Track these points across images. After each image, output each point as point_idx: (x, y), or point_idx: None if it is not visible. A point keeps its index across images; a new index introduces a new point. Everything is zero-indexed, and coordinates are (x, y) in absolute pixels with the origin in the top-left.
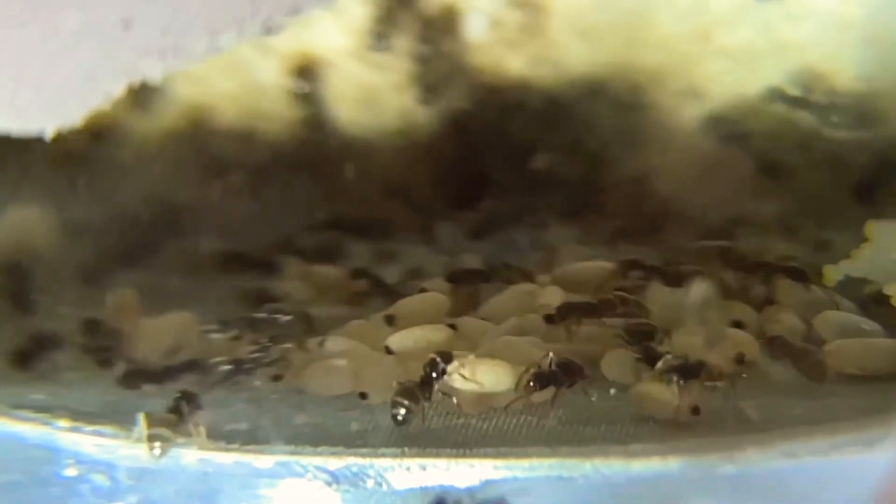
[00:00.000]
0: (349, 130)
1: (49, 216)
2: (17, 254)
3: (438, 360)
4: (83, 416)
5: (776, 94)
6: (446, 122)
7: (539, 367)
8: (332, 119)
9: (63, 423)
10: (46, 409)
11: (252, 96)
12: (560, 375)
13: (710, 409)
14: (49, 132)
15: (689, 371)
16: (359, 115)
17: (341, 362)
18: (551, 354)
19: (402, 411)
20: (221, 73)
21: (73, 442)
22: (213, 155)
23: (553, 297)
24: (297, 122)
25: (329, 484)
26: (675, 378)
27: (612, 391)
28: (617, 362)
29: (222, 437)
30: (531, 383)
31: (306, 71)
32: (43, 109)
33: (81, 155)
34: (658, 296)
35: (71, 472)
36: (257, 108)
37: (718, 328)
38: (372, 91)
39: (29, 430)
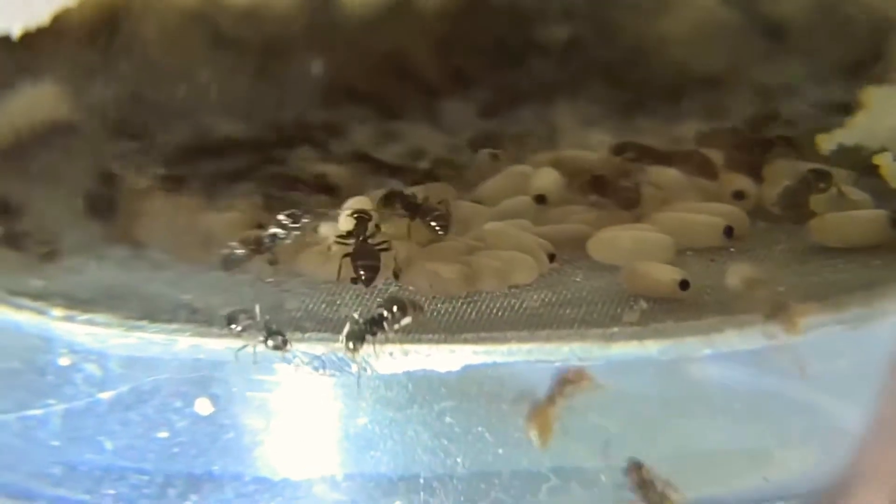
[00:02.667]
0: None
1: (65, 94)
2: (32, 128)
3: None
4: (78, 303)
5: None
6: None
7: None
8: None
9: (57, 311)
10: (43, 297)
11: None
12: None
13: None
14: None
15: None
16: None
17: (335, 247)
18: None
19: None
20: None
21: (67, 331)
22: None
23: (546, 178)
24: None
25: (316, 369)
26: None
27: None
28: (603, 243)
29: (215, 322)
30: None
31: None
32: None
33: (97, 34)
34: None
35: (65, 361)
36: None
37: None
38: None
39: (26, 318)
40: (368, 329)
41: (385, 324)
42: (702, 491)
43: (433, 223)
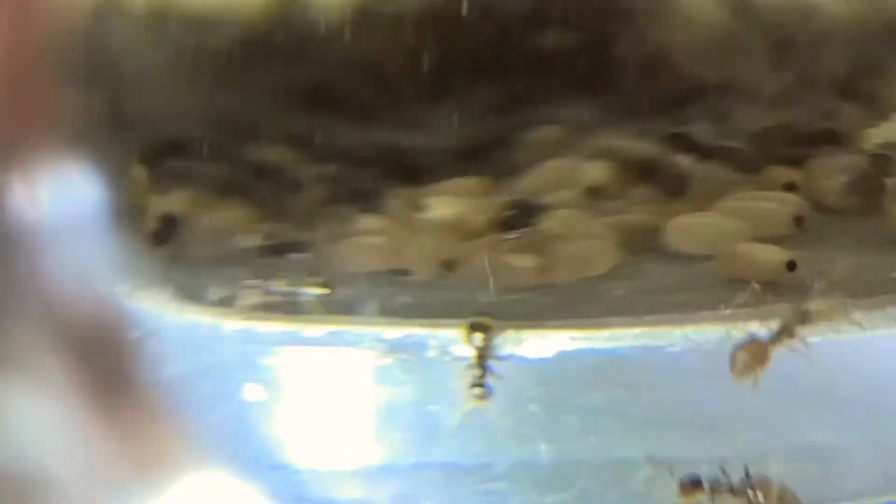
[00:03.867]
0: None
1: None
2: None
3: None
4: None
5: None
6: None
7: None
8: None
9: None
10: None
11: None
12: None
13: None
14: None
15: None
16: None
17: (375, 238)
18: None
19: None
20: None
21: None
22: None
23: (598, 170)
24: None
25: (387, 353)
26: None
27: None
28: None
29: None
30: None
31: None
32: None
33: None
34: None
35: None
36: None
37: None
38: None
39: None
40: None
41: None
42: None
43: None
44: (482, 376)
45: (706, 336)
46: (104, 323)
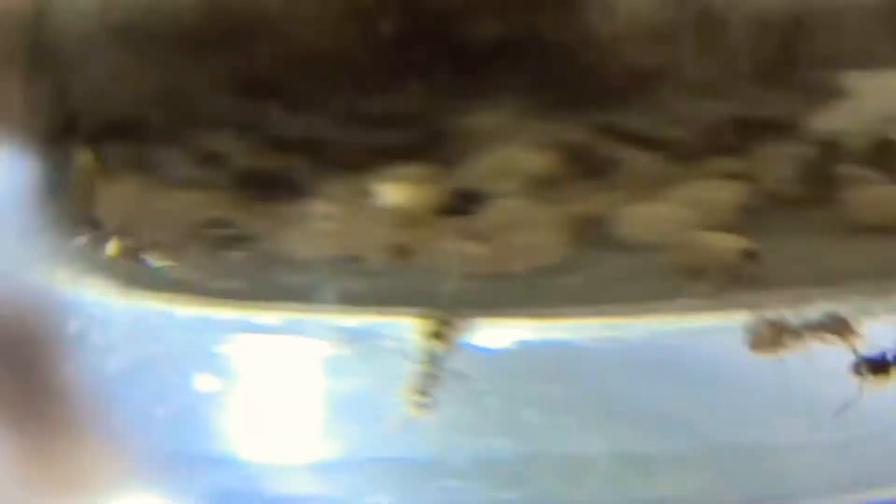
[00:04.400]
0: None
1: None
2: None
3: None
4: None
5: None
6: None
7: None
8: None
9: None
10: None
11: None
12: None
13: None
14: None
15: None
16: None
17: (326, 224)
18: None
19: None
20: None
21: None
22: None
23: (537, 160)
24: None
25: (343, 343)
26: None
27: None
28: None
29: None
30: None
31: None
32: None
33: None
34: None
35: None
36: None
37: None
38: None
39: None
40: None
41: None
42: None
43: None
44: (431, 382)
45: (665, 327)
46: (32, 317)
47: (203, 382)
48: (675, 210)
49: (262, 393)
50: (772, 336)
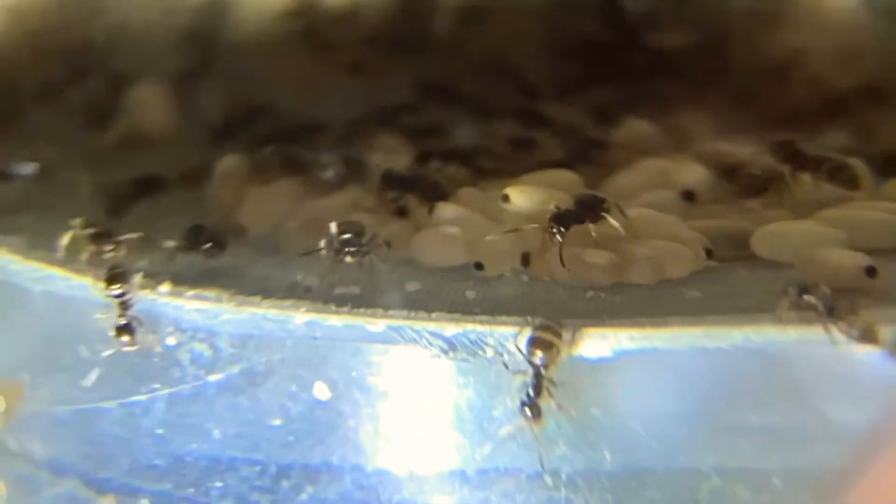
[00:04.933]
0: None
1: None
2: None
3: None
4: (185, 282)
5: None
6: None
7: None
8: None
9: (164, 287)
10: (148, 275)
11: None
12: (578, 213)
13: None
14: None
15: None
16: None
17: (453, 230)
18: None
19: None
20: None
21: (175, 308)
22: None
23: (694, 174)
24: None
25: (444, 352)
26: None
27: None
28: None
29: (331, 300)
30: (552, 227)
31: None
32: None
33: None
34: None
35: (171, 340)
36: None
37: None
38: None
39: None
40: None
41: None
42: None
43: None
44: (539, 394)
45: (766, 338)
46: None
47: (318, 391)
48: (817, 228)
49: (372, 401)
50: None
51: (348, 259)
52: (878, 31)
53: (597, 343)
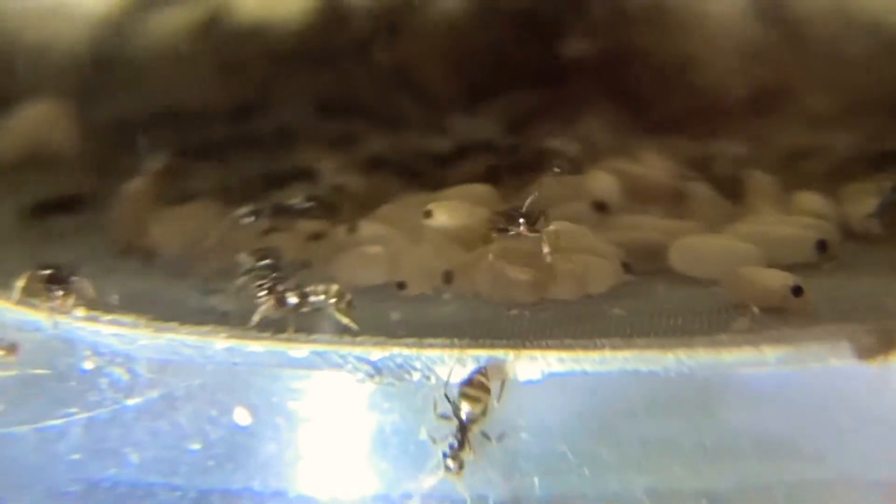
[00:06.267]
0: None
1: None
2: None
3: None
4: (101, 307)
5: None
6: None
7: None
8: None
9: (81, 311)
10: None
11: None
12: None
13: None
14: None
15: None
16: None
17: (376, 249)
18: None
19: None
20: None
21: (92, 333)
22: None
23: (604, 184)
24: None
25: (371, 376)
26: None
27: None
28: (686, 252)
29: (251, 325)
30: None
31: None
32: None
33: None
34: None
35: (89, 364)
36: None
37: None
38: None
39: (46, 318)
40: None
41: None
42: None
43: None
44: (461, 446)
45: (700, 362)
46: None
47: (238, 416)
48: (735, 244)
49: (294, 426)
50: (879, 343)
51: (261, 285)
52: (767, 38)
53: (526, 365)
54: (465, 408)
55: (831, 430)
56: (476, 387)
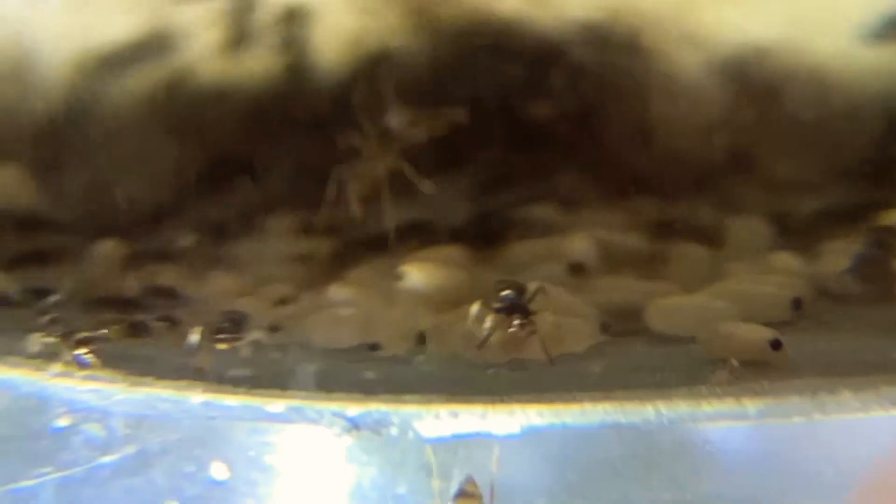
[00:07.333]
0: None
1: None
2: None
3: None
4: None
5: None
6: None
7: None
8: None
9: (55, 367)
10: (38, 356)
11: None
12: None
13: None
14: None
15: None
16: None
17: (347, 311)
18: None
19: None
20: None
21: (66, 389)
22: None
23: (581, 245)
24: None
25: (347, 431)
26: None
27: None
28: (664, 311)
29: (227, 381)
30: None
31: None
32: None
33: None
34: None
35: (63, 421)
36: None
37: None
38: (357, 34)
39: (20, 377)
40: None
41: None
42: None
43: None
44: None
45: (679, 413)
46: None
47: (216, 471)
48: (712, 302)
49: (271, 480)
50: None
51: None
52: (729, 100)
53: (504, 419)
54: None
55: (815, 487)
56: (467, 497)
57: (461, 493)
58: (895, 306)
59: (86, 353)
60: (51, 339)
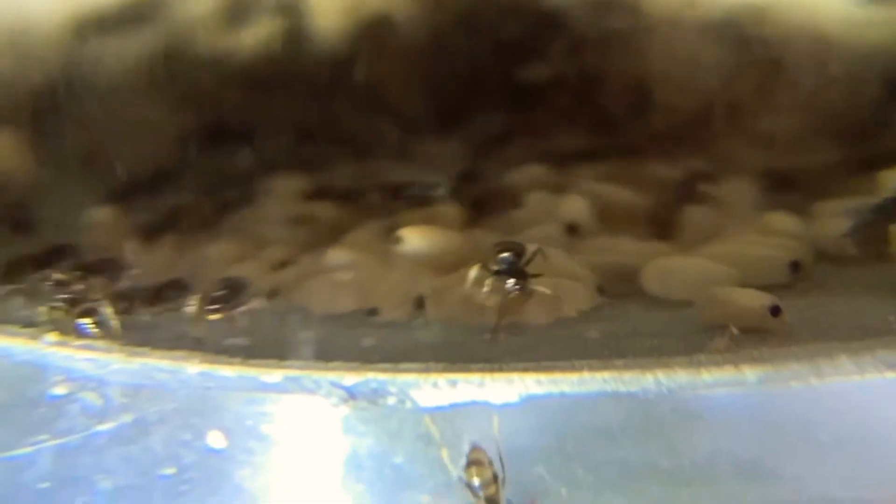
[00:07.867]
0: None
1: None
2: None
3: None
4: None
5: None
6: (433, 31)
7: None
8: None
9: (52, 336)
10: (35, 324)
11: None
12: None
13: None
14: None
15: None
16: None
17: (345, 276)
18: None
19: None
20: None
21: (63, 358)
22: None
23: (576, 206)
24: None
25: (344, 400)
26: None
27: None
28: (659, 274)
29: (223, 351)
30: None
31: None
32: None
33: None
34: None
35: (60, 390)
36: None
37: None
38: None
39: (16, 345)
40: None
41: None
42: None
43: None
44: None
45: (678, 382)
46: None
47: (213, 439)
48: (709, 265)
49: (268, 449)
50: None
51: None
52: (727, 59)
53: (502, 388)
54: (476, 482)
55: (810, 450)
56: (475, 464)
57: (471, 462)
58: (893, 268)
59: (90, 324)
60: (53, 308)
